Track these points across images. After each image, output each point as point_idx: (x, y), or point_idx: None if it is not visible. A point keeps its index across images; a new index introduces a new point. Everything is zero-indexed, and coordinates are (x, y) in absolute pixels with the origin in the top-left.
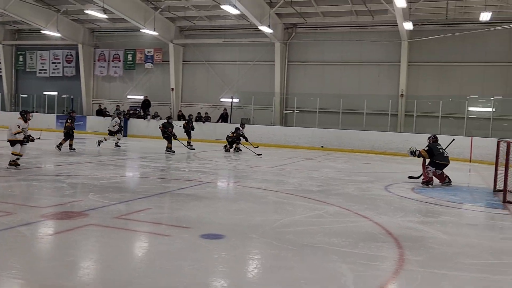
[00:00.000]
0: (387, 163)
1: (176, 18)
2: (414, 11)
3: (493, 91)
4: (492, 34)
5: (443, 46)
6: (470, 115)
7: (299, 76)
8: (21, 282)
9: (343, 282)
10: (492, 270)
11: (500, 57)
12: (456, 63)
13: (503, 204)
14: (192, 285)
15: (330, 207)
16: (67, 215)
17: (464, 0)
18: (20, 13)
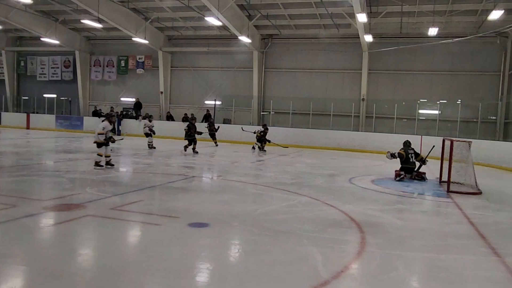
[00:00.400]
0: (351, 158)
1: (165, 28)
2: (374, 25)
3: (439, 96)
4: (438, 47)
5: (397, 57)
6: (420, 117)
7: (274, 81)
8: (24, 268)
9: (313, 263)
10: (438, 250)
11: (445, 67)
12: (409, 71)
13: (447, 193)
14: (181, 269)
15: (302, 198)
16: (67, 207)
17: (415, 17)
18: (21, 22)
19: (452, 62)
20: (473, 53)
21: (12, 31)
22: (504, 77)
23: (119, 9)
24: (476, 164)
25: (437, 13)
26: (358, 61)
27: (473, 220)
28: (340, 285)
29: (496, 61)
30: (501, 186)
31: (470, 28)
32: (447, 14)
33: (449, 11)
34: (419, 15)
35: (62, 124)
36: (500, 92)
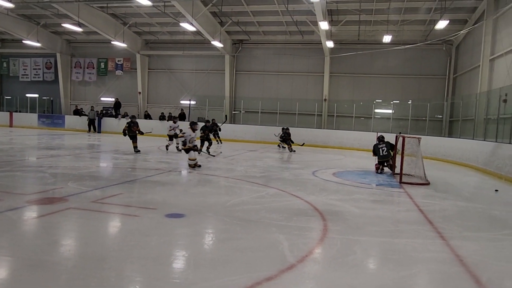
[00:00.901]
0: (314, 153)
1: (142, 33)
2: (334, 33)
3: (392, 97)
4: (392, 53)
5: (356, 61)
6: (376, 116)
7: (244, 83)
8: (9, 259)
9: (280, 249)
10: (391, 235)
11: (398, 71)
12: (366, 74)
13: (399, 184)
14: (159, 256)
15: (270, 189)
16: (49, 200)
17: (372, 25)
18: (3, 25)
19: (404, 67)
20: (422, 59)
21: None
22: (449, 80)
23: (99, 14)
24: (425, 158)
25: (391, 22)
26: (321, 65)
27: (422, 208)
28: (304, 268)
29: (442, 66)
30: (447, 177)
31: (420, 36)
32: (400, 23)
33: (401, 20)
34: (375, 24)
35: (44, 122)
36: (446, 93)
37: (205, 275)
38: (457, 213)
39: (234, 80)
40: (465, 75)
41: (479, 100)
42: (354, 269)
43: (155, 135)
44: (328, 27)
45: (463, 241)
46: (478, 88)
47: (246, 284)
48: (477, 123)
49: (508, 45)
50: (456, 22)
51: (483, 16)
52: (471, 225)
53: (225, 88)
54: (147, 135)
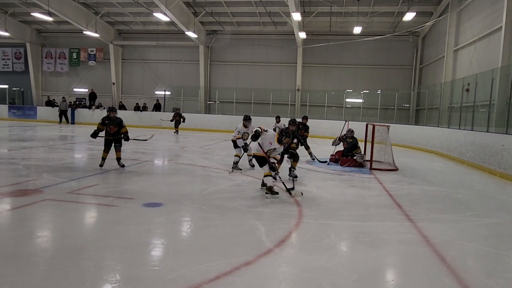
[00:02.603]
0: None
1: (115, 23)
2: (307, 24)
3: (363, 87)
4: (362, 44)
5: (327, 52)
6: (347, 105)
7: (219, 73)
8: None
9: (258, 235)
10: (363, 219)
11: (367, 61)
12: (337, 65)
13: (370, 170)
14: (138, 245)
15: (246, 178)
16: (24, 192)
17: (343, 17)
18: None
19: (373, 57)
20: (390, 50)
21: None
22: (415, 71)
23: (70, 3)
24: (394, 145)
25: (361, 14)
26: (294, 56)
27: (391, 192)
28: (282, 252)
29: (409, 56)
30: (414, 163)
31: (388, 27)
32: (369, 15)
33: (371, 12)
34: (345, 16)
35: (15, 114)
36: (413, 83)
37: (185, 262)
38: (423, 197)
39: (208, 70)
40: (431, 66)
41: (444, 89)
42: (328, 252)
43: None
44: (300, 18)
45: (429, 223)
46: (442, 78)
47: (225, 269)
48: (442, 111)
49: (471, 37)
50: (423, 14)
51: (448, 9)
52: (436, 208)
53: (199, 79)
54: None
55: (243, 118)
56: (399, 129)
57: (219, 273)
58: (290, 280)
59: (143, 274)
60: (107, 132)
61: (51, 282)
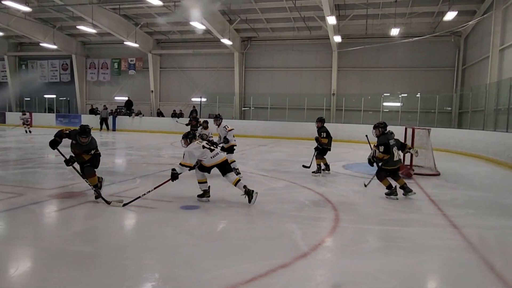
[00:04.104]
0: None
1: (154, 33)
2: (342, 27)
3: (401, 90)
4: (400, 46)
5: (363, 55)
6: (384, 109)
7: (253, 79)
8: (33, 249)
9: (293, 238)
10: (403, 223)
11: (405, 63)
12: (373, 68)
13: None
14: (176, 245)
15: (281, 182)
16: (69, 194)
17: (379, 19)
18: (22, 29)
19: (412, 59)
20: (430, 51)
21: (13, 37)
22: (458, 72)
23: (112, 16)
24: (435, 149)
25: (398, 15)
26: (328, 60)
27: (433, 198)
28: (318, 256)
29: (450, 57)
30: (457, 168)
31: (428, 28)
32: (407, 16)
33: (409, 13)
34: (382, 18)
35: (62, 122)
36: (455, 85)
37: (221, 262)
38: (468, 202)
39: (243, 77)
40: (474, 66)
41: (489, 90)
42: (366, 256)
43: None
44: (335, 22)
45: (475, 229)
46: (487, 79)
47: (261, 271)
48: (487, 113)
49: None
50: (465, 13)
51: (492, 7)
52: (482, 213)
53: (234, 85)
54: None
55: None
56: (440, 133)
57: (255, 275)
58: (327, 284)
59: (181, 274)
60: (79, 157)
61: (94, 279)
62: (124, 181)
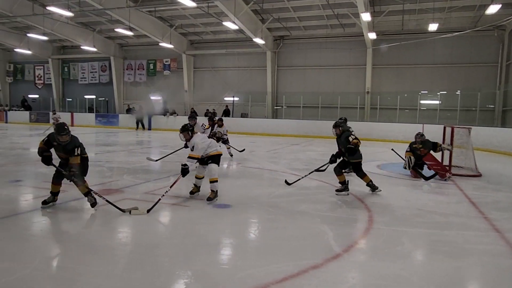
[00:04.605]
0: None
1: (188, 34)
2: (377, 24)
3: (439, 87)
4: (438, 41)
5: (399, 52)
6: (422, 107)
7: (286, 78)
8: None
9: (325, 238)
10: (441, 227)
11: (445, 60)
12: (410, 65)
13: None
14: (208, 243)
15: (314, 182)
16: (107, 191)
17: (416, 14)
18: (64, 33)
19: (452, 55)
20: (472, 46)
21: (57, 41)
22: (501, 68)
23: (147, 18)
24: (476, 149)
25: (437, 10)
26: (363, 57)
27: (473, 200)
28: (350, 257)
29: (493, 52)
30: (500, 169)
31: (469, 22)
32: (446, 11)
33: (448, 7)
34: (419, 12)
35: (101, 121)
36: (498, 81)
37: (252, 262)
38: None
39: (275, 75)
40: None
41: None
42: (401, 260)
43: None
44: (370, 18)
45: None
46: None
47: (293, 272)
48: None
49: None
50: (509, 5)
51: None
52: None
53: (267, 84)
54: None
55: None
56: (482, 132)
57: (287, 275)
58: (360, 286)
59: (213, 272)
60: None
61: (129, 274)
62: (159, 179)
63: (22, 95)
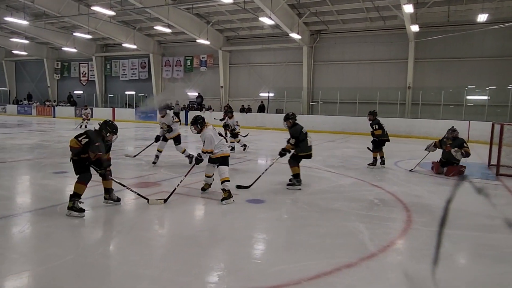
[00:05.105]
0: (396, 143)
1: (224, 30)
2: (420, 15)
3: (488, 82)
4: (488, 33)
5: (445, 44)
6: (468, 103)
7: (322, 73)
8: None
9: (360, 237)
10: (486, 229)
11: (495, 52)
12: (456, 58)
13: (496, 176)
14: (241, 237)
15: (349, 179)
16: (145, 184)
17: (464, 4)
18: (107, 31)
19: (503, 47)
20: None
21: (100, 40)
22: None
23: (185, 15)
24: None
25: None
26: (404, 51)
27: None
28: (386, 258)
29: None
30: None
31: None
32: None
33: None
34: (467, 2)
35: (140, 116)
36: None
37: (285, 258)
38: None
39: (312, 71)
40: None
41: None
42: (441, 262)
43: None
44: (412, 10)
45: None
46: None
47: (326, 269)
48: None
49: None
50: None
51: None
52: None
53: (302, 79)
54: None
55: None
56: None
57: (319, 272)
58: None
59: (246, 266)
60: (84, 158)
61: (165, 264)
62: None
63: (68, 91)
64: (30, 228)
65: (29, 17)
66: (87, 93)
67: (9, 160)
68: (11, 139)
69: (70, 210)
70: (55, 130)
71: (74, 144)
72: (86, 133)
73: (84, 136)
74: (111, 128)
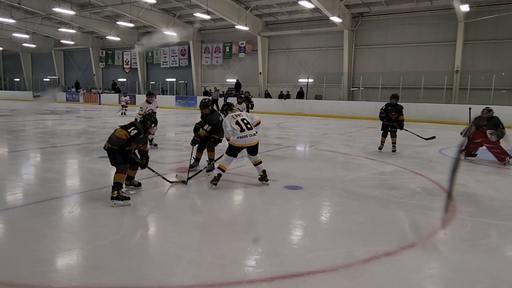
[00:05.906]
0: (441, 130)
1: (263, 15)
2: None
3: None
4: None
5: (497, 25)
6: None
7: (364, 57)
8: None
9: (401, 226)
10: None
11: None
12: (510, 39)
13: None
14: (279, 223)
15: (390, 166)
16: (185, 169)
17: None
18: (148, 19)
19: None
20: None
21: (141, 28)
22: None
23: (224, 1)
24: None
25: None
26: (452, 33)
27: None
28: (428, 248)
29: None
30: None
31: None
32: None
33: None
34: None
35: (180, 103)
36: None
37: (322, 244)
38: None
39: (353, 55)
40: None
41: None
42: (487, 254)
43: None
44: None
45: None
46: None
47: (364, 257)
48: None
49: None
50: None
51: None
52: None
53: (343, 64)
54: None
55: (146, 94)
56: None
57: (357, 260)
58: (437, 278)
59: (283, 251)
60: (128, 149)
61: (204, 246)
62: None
63: (112, 79)
64: (79, 209)
65: (75, 7)
66: (130, 80)
67: (59, 145)
68: (60, 125)
69: (115, 200)
70: (100, 117)
71: (123, 135)
72: (135, 125)
73: (133, 128)
74: (155, 120)
